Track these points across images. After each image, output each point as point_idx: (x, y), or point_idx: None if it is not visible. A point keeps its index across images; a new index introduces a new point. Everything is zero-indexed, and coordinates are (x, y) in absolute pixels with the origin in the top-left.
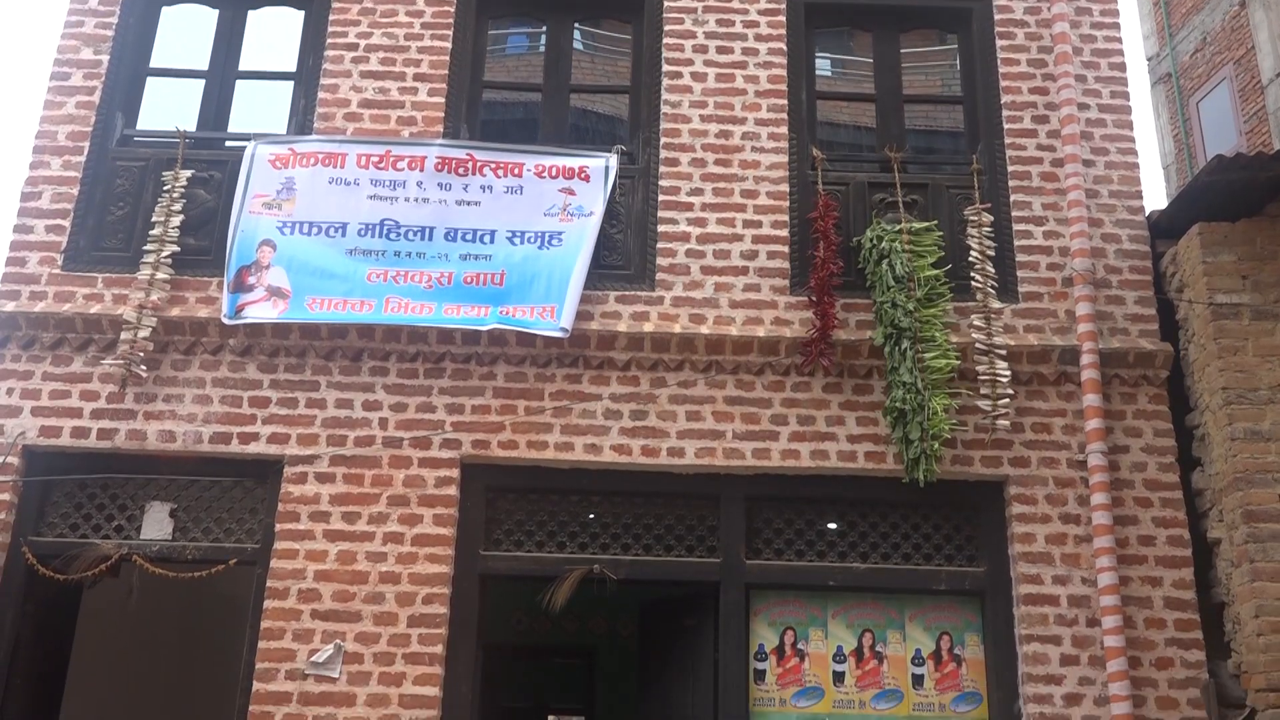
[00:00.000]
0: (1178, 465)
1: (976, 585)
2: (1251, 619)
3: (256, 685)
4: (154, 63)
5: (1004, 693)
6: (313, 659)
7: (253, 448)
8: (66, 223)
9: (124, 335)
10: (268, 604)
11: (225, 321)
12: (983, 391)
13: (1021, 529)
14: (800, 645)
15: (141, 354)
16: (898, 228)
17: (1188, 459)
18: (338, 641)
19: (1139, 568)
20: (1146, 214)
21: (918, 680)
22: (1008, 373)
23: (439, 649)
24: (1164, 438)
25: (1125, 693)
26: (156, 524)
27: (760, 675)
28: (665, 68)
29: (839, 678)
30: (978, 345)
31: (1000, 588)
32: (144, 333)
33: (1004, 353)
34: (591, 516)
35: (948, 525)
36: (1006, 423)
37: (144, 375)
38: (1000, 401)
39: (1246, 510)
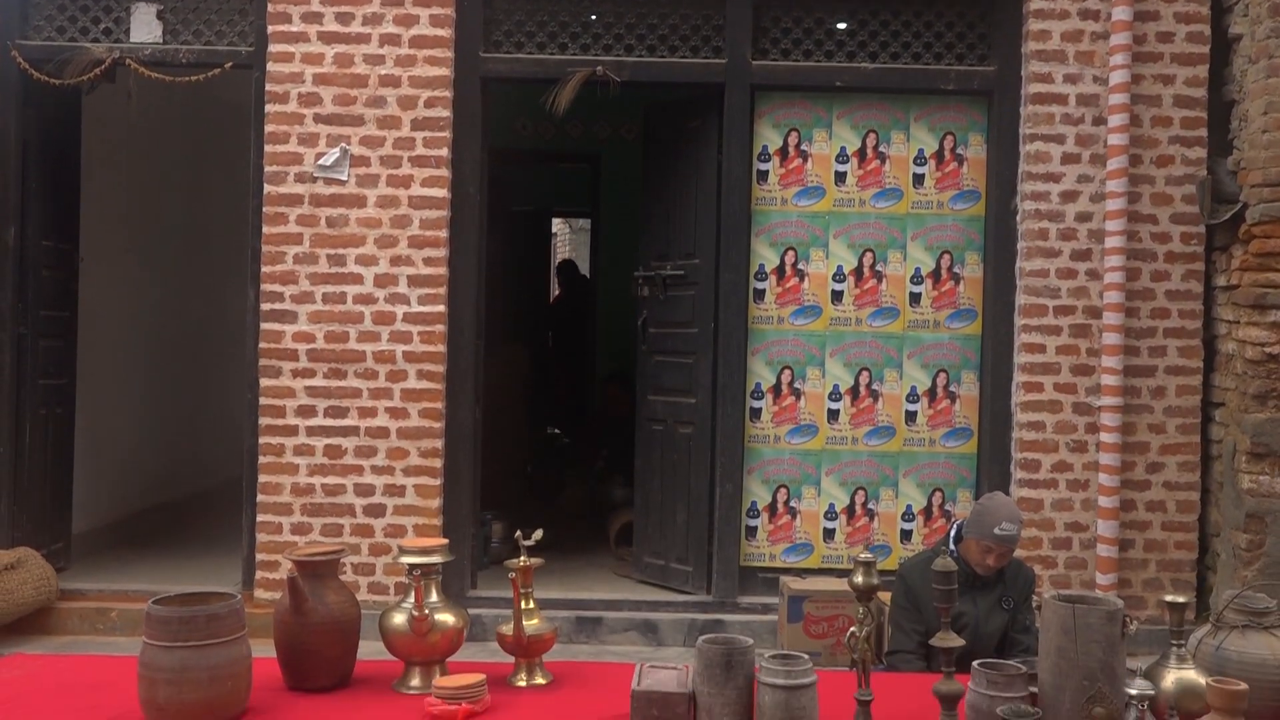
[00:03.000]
0: None
1: (985, 85)
2: (1260, 115)
3: (268, 188)
4: None
5: (1002, 190)
6: (320, 162)
7: None
8: None
9: None
10: (269, 108)
11: None
12: None
13: (1037, 26)
14: (804, 146)
15: None
16: None
17: None
18: (343, 145)
19: (1153, 65)
20: None
21: (918, 180)
22: None
23: (444, 152)
24: None
25: (1122, 189)
26: (145, 26)
27: (763, 176)
28: None
29: (840, 178)
30: None
31: (1009, 87)
32: None
33: None
34: (593, 17)
35: (961, 23)
36: None
37: None
38: None
39: (1273, 4)
